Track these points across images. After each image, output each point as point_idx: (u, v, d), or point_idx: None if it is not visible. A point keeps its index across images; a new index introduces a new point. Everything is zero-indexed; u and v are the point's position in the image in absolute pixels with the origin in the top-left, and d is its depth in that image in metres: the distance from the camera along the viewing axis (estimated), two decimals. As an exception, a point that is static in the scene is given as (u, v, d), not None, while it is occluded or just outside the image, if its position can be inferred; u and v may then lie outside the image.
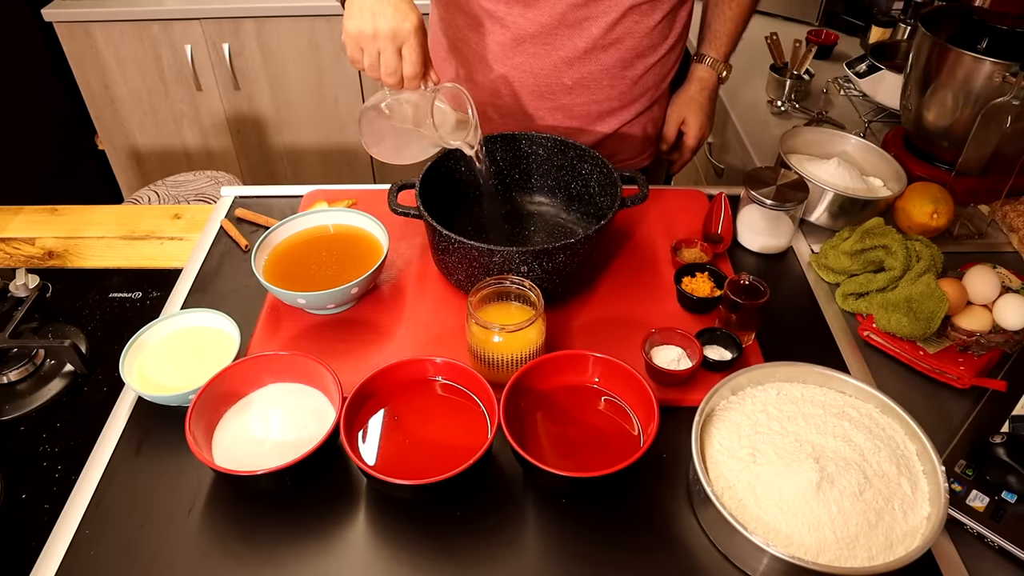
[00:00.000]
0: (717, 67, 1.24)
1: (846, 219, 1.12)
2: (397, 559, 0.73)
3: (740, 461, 0.73)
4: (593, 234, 0.90)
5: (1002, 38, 1.17)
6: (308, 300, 0.92)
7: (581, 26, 1.07)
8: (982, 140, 1.10)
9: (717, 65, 1.24)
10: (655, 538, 0.75)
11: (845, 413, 0.78)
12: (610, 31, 1.08)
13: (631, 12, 1.07)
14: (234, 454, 0.77)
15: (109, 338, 0.99)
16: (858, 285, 1.01)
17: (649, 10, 1.08)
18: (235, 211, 1.18)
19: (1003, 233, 1.18)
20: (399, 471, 0.72)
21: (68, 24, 2.16)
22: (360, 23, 0.82)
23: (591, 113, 1.18)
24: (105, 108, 2.35)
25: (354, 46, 0.84)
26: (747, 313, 0.90)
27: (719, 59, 1.24)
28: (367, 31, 0.82)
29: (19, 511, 0.79)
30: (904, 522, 0.69)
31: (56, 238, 1.19)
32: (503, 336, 0.83)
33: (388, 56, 0.84)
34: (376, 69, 0.85)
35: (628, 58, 1.12)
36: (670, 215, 1.16)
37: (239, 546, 0.74)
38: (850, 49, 1.87)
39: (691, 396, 0.87)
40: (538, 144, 1.08)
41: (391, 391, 0.83)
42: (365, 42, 0.83)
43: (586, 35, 1.08)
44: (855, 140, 1.24)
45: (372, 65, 0.85)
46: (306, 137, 2.46)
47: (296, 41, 2.23)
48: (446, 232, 0.89)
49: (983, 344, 0.91)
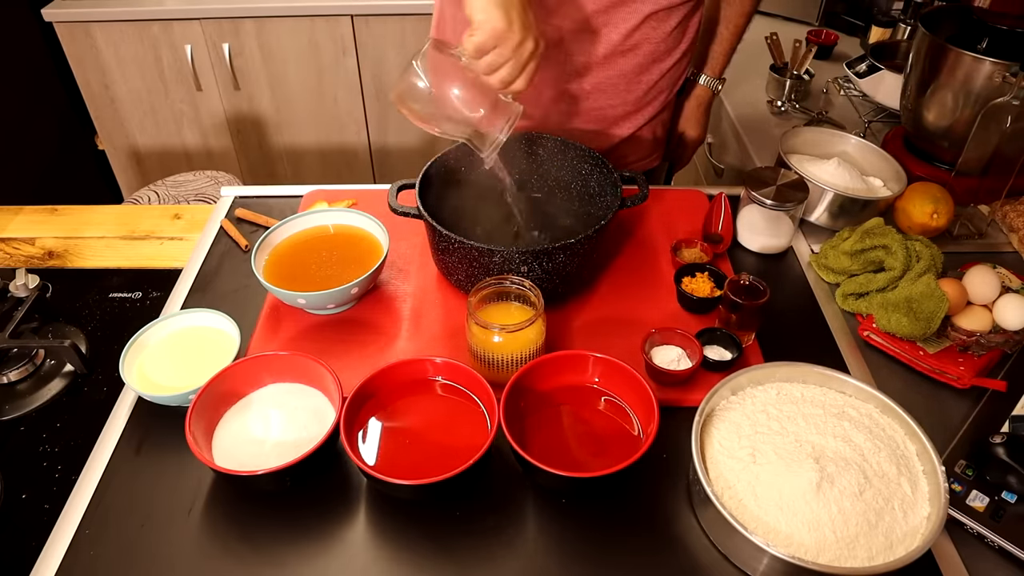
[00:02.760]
0: (712, 84, 1.31)
1: (846, 219, 1.12)
2: (397, 559, 0.73)
3: (740, 461, 0.73)
4: (593, 234, 0.90)
5: (1002, 38, 1.17)
6: (308, 300, 0.92)
7: (601, 32, 1.08)
8: (982, 140, 1.10)
9: (712, 82, 1.31)
10: (655, 538, 0.75)
11: (845, 413, 0.78)
12: (629, 37, 1.09)
13: (649, 19, 1.08)
14: (234, 454, 0.77)
15: (109, 338, 0.99)
16: (858, 285, 1.01)
17: (666, 16, 1.09)
18: (235, 211, 1.18)
19: (1003, 233, 1.18)
20: (399, 471, 0.72)
21: (68, 24, 2.16)
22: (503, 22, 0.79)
23: (608, 117, 1.20)
24: (105, 108, 2.35)
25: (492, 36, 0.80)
26: (747, 313, 0.90)
27: (714, 76, 1.31)
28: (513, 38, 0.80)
29: (19, 511, 0.79)
30: (904, 522, 0.69)
31: (56, 238, 1.19)
32: (503, 336, 0.83)
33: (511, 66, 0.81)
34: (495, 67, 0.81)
35: (645, 63, 1.14)
36: (670, 215, 1.16)
37: (239, 546, 0.74)
38: (850, 49, 1.87)
39: (691, 396, 0.87)
40: (538, 144, 1.08)
41: (391, 391, 0.83)
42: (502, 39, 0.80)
43: (606, 41, 1.09)
44: (855, 140, 1.24)
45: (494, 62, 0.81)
46: (306, 137, 2.46)
47: (296, 41, 2.23)
48: (446, 232, 0.89)
49: (983, 344, 0.91)
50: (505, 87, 0.84)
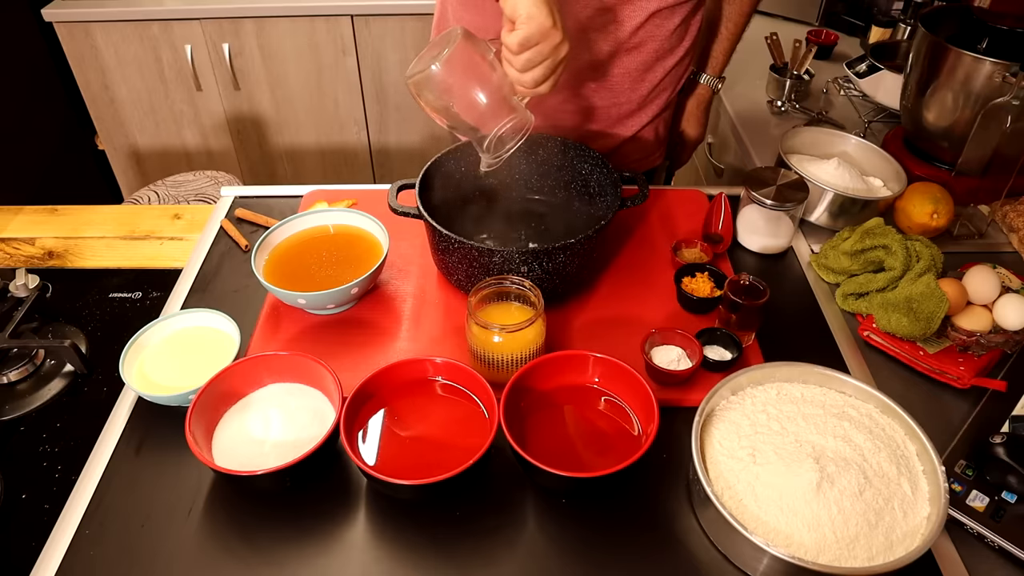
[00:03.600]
0: (712, 82, 1.31)
1: (846, 219, 1.12)
2: (397, 559, 0.73)
3: (740, 461, 0.73)
4: (593, 234, 0.90)
5: (1002, 38, 1.17)
6: (308, 300, 0.92)
7: (607, 30, 1.08)
8: (982, 140, 1.10)
9: (712, 81, 1.31)
10: (655, 538, 0.75)
11: (845, 413, 0.78)
12: (634, 34, 1.09)
13: (654, 16, 1.09)
14: (234, 454, 0.77)
15: (109, 338, 0.99)
16: (858, 285, 1.01)
17: (670, 14, 1.10)
18: (235, 211, 1.18)
19: (1003, 233, 1.18)
20: (399, 471, 0.72)
21: (68, 24, 2.16)
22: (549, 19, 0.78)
23: (613, 116, 1.20)
24: (105, 108, 2.35)
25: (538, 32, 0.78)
26: (747, 313, 0.90)
27: (714, 75, 1.31)
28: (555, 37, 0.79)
29: (19, 511, 0.79)
30: (904, 522, 0.69)
31: (56, 238, 1.19)
32: (503, 336, 0.83)
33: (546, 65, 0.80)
34: (532, 64, 0.80)
35: (650, 61, 1.14)
36: (670, 215, 1.16)
37: (239, 546, 0.74)
38: (850, 49, 1.87)
39: (691, 396, 0.87)
40: (538, 144, 1.08)
41: (391, 391, 0.83)
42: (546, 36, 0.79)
43: (611, 39, 1.09)
44: (855, 140, 1.24)
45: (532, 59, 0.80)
46: (306, 137, 2.46)
47: (296, 41, 2.23)
48: (446, 232, 0.89)
49: (983, 344, 0.91)
50: (535, 87, 0.83)
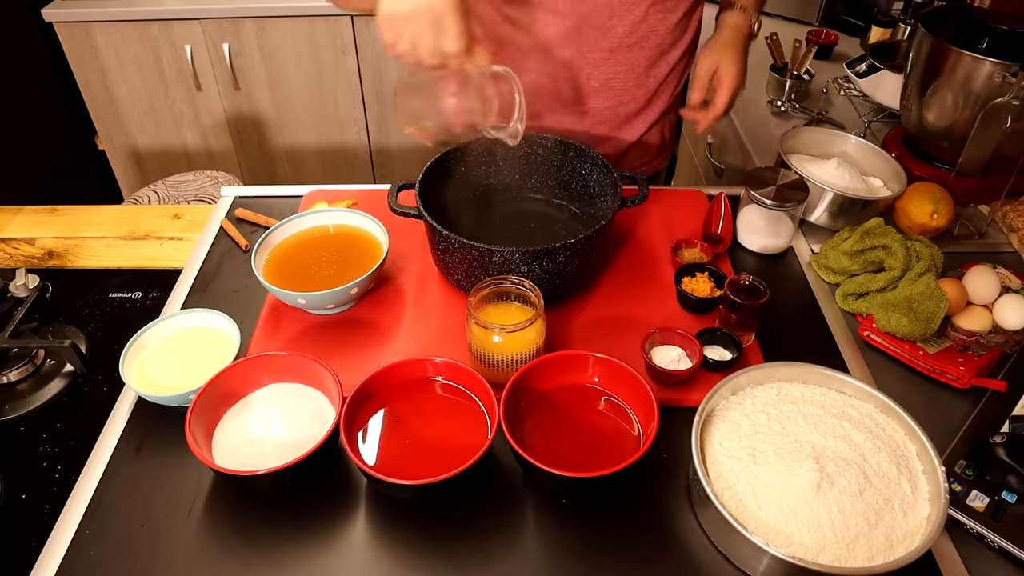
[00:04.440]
0: (749, 15, 1.10)
1: (846, 219, 1.12)
2: (397, 559, 0.73)
3: (740, 461, 0.73)
4: (593, 234, 0.90)
5: (1002, 38, 1.17)
6: (308, 300, 0.92)
7: (606, 26, 1.08)
8: (982, 140, 1.10)
9: (749, 13, 1.10)
10: (655, 538, 0.75)
11: (845, 413, 0.78)
12: (635, 29, 1.09)
13: (655, 10, 1.07)
14: (234, 454, 0.77)
15: (109, 338, 0.99)
16: (858, 285, 1.01)
17: (673, 6, 1.09)
18: (235, 211, 1.18)
19: (1003, 233, 1.18)
20: (399, 471, 0.72)
21: (68, 24, 2.16)
22: (392, 5, 0.78)
23: (617, 117, 1.19)
24: (105, 108, 2.35)
25: (389, 30, 0.80)
26: (747, 313, 0.90)
27: (750, 8, 1.10)
28: (402, 11, 0.78)
29: (19, 511, 0.79)
30: (904, 522, 0.69)
31: (56, 238, 1.19)
32: (503, 336, 0.83)
33: (425, 35, 0.78)
34: (415, 50, 0.80)
35: (653, 56, 1.13)
36: (670, 215, 1.16)
37: (239, 546, 0.74)
38: (850, 49, 1.87)
39: (691, 396, 0.87)
40: (538, 144, 1.08)
41: (391, 391, 0.83)
42: (400, 24, 0.79)
43: (611, 35, 1.09)
44: (855, 140, 1.24)
45: (411, 47, 0.79)
46: (306, 137, 2.46)
47: (296, 41, 2.23)
48: (446, 232, 0.89)
49: (983, 344, 0.91)
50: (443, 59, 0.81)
